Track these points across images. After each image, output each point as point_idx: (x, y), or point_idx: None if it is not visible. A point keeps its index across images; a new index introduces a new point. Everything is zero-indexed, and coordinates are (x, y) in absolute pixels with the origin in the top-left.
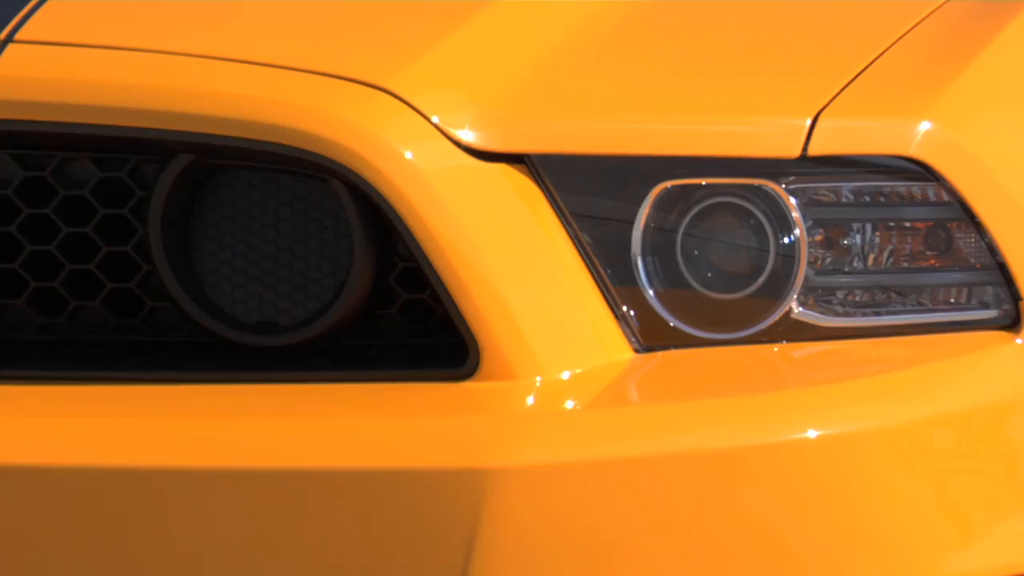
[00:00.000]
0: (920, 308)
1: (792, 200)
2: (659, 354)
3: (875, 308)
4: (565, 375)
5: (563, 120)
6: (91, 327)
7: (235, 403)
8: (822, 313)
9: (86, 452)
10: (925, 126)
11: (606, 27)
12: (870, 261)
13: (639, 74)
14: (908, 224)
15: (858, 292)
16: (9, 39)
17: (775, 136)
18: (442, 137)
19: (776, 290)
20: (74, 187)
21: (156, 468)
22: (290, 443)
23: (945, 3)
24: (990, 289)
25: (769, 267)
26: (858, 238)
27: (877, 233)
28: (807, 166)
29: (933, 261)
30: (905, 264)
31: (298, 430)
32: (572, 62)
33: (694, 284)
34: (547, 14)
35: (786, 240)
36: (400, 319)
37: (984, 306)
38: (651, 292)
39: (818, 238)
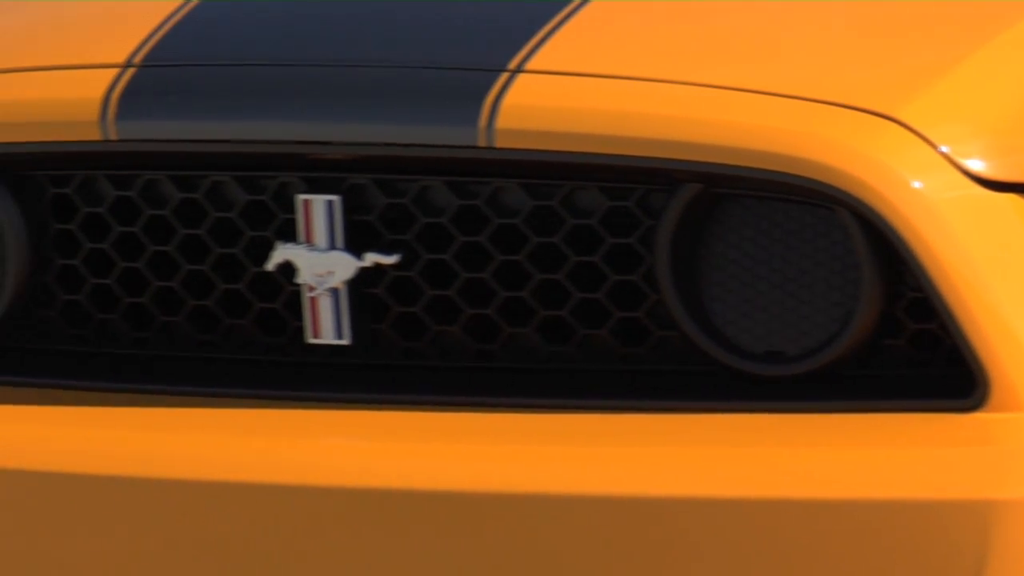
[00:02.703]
0: None
1: None
2: None
3: None
4: None
5: None
6: (598, 356)
7: (739, 432)
8: None
9: (572, 480)
10: None
11: None
12: None
13: None
14: None
15: None
16: (519, 69)
17: None
18: (951, 167)
19: None
20: (580, 216)
21: (678, 497)
22: (796, 472)
23: None
24: None
25: None
26: None
27: None
28: None
29: None
30: None
31: (806, 460)
32: None
33: None
34: None
35: None
36: (905, 349)
37: None
38: None
39: None
